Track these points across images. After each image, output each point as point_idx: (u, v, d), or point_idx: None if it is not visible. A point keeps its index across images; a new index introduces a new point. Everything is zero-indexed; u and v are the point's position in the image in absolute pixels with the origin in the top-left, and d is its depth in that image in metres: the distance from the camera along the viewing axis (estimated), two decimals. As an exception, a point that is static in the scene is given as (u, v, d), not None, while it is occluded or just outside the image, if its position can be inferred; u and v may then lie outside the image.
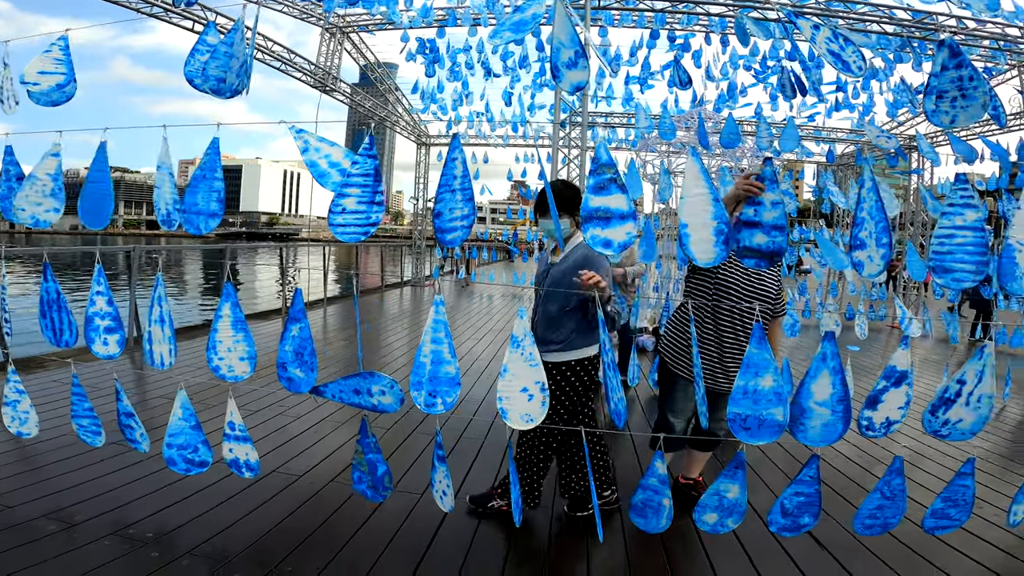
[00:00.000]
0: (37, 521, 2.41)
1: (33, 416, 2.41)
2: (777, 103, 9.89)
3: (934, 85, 1.56)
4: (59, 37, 2.16)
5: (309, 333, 1.85)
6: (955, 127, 1.60)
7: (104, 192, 2.06)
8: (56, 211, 2.11)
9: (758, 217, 1.48)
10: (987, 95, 1.55)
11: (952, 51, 1.52)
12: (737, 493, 1.86)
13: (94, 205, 2.07)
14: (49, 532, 2.33)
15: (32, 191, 2.05)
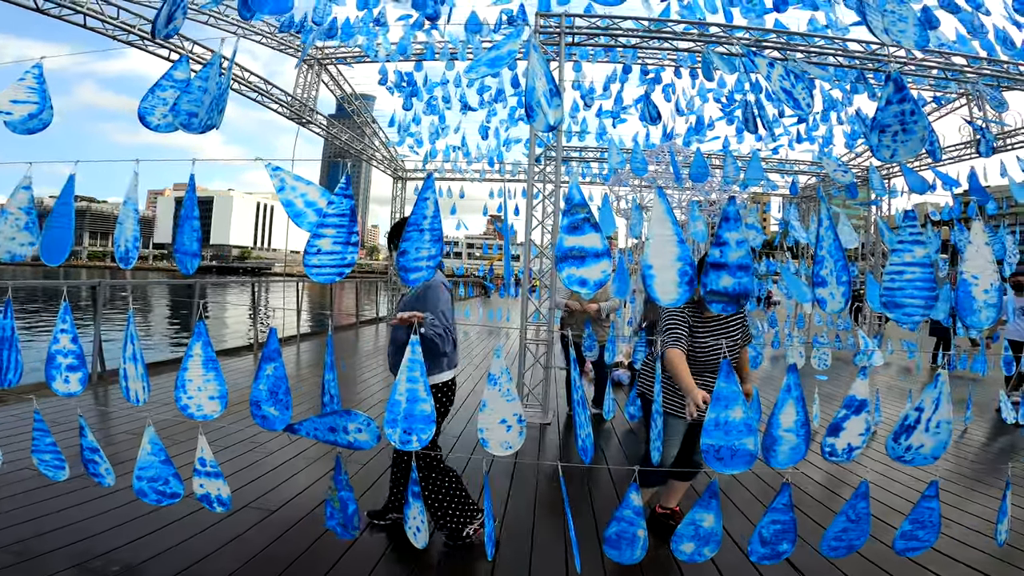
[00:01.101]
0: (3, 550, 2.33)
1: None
2: (743, 136, 10.31)
3: (879, 119, 1.62)
4: (34, 65, 2.14)
5: (284, 372, 1.83)
6: (895, 161, 1.69)
7: (66, 228, 2.02)
8: (31, 244, 2.06)
9: (724, 258, 1.53)
10: (926, 129, 1.61)
11: (897, 85, 1.59)
12: (712, 522, 1.88)
13: (54, 242, 2.03)
14: (10, 564, 2.26)
15: (6, 226, 2.01)
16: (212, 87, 1.85)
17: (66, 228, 2.02)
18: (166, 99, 1.79)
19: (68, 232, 2.02)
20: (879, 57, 7.43)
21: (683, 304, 1.57)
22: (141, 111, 1.77)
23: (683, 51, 8.16)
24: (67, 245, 2.02)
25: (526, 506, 3.27)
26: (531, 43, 1.79)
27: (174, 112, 1.77)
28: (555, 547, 2.78)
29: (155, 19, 1.84)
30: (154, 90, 1.80)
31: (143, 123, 1.77)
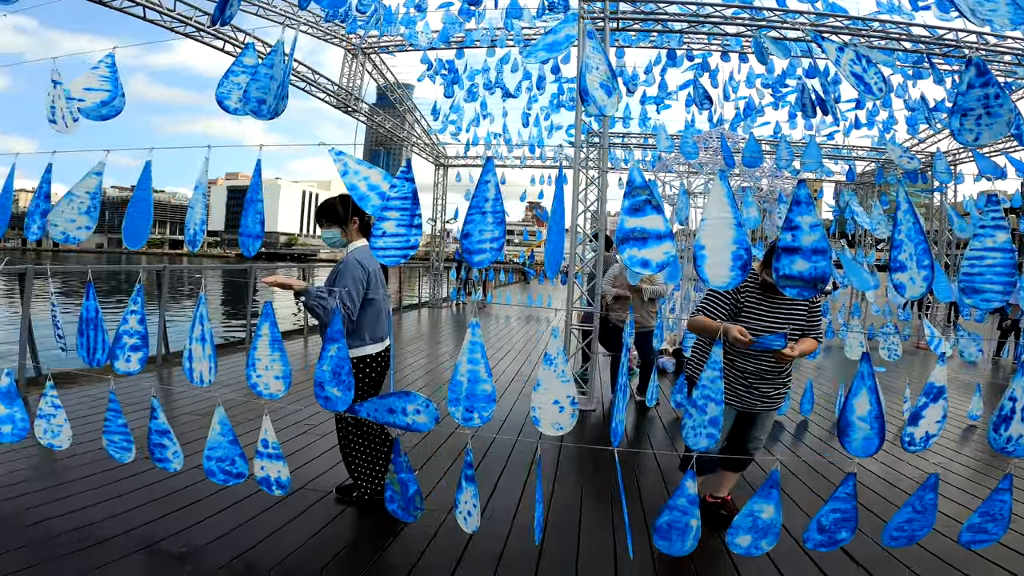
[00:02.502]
0: (68, 536, 2.43)
1: (67, 430, 2.45)
2: (796, 122, 9.89)
3: (960, 104, 1.58)
4: (107, 55, 2.24)
5: (347, 352, 1.88)
6: (979, 145, 1.61)
7: (145, 214, 2.11)
8: (88, 228, 2.14)
9: (797, 242, 1.48)
10: (1012, 112, 1.57)
11: (979, 69, 1.55)
12: (772, 513, 1.84)
13: (134, 227, 2.13)
14: (80, 547, 2.34)
15: (68, 208, 2.09)
16: (278, 74, 1.90)
17: (145, 214, 2.11)
18: (240, 84, 1.85)
19: (147, 218, 2.11)
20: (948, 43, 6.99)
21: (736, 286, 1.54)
22: (219, 96, 1.83)
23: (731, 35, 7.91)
24: (146, 230, 2.12)
25: (572, 492, 3.28)
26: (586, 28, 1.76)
27: (244, 99, 1.83)
28: (602, 533, 2.79)
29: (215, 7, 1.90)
30: (228, 76, 1.86)
31: (221, 107, 1.84)
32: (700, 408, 1.80)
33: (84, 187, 2.17)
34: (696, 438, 1.83)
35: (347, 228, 2.74)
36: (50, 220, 2.17)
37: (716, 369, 1.79)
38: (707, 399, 1.79)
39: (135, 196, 2.08)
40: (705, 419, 1.80)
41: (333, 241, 2.77)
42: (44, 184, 2.27)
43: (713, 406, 1.79)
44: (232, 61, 1.93)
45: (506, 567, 2.43)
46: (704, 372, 1.80)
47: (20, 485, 2.89)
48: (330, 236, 2.76)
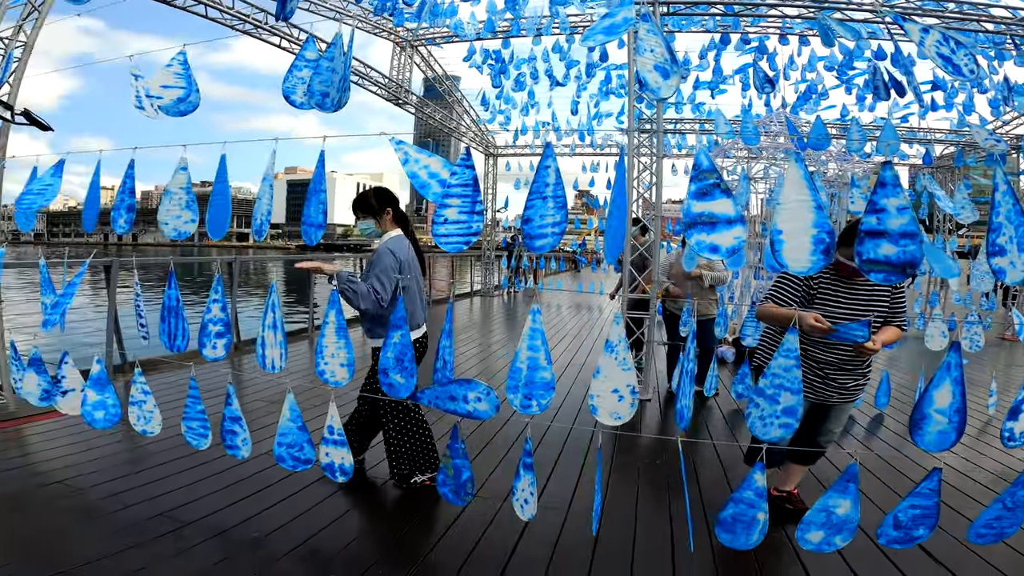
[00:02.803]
0: (152, 521, 2.57)
1: (157, 416, 2.58)
2: (864, 104, 9.31)
3: None
4: (179, 52, 2.33)
5: (409, 339, 1.91)
6: None
7: (224, 207, 2.21)
8: (193, 221, 2.26)
9: (883, 225, 1.39)
10: None
11: None
12: (848, 509, 1.76)
13: (215, 219, 2.23)
14: (163, 532, 2.48)
15: (171, 205, 2.22)
16: (339, 67, 1.94)
17: (224, 206, 2.21)
18: (303, 78, 1.90)
19: (226, 209, 2.21)
20: None
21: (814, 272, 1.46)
22: (285, 91, 1.89)
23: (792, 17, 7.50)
24: (226, 221, 2.21)
25: (628, 481, 3.24)
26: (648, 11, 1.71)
27: (309, 93, 1.88)
28: (659, 524, 2.74)
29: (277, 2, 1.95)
30: (292, 71, 1.91)
31: (288, 101, 1.89)
32: (771, 398, 1.72)
33: (177, 183, 2.29)
34: (766, 428, 1.75)
35: (381, 219, 2.86)
36: (160, 220, 2.29)
37: (791, 357, 1.70)
38: (780, 388, 1.69)
39: (215, 189, 2.18)
40: (778, 409, 1.71)
41: (368, 231, 2.88)
42: (128, 180, 2.40)
43: (788, 395, 1.70)
44: (293, 57, 1.99)
45: (562, 555, 2.43)
46: (776, 360, 1.71)
47: (108, 471, 3.08)
48: (366, 227, 2.88)
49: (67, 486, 2.89)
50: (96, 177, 2.59)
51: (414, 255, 2.90)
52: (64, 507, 2.67)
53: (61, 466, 3.13)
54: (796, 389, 1.72)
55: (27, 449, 3.42)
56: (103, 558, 2.24)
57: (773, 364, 1.72)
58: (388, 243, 2.79)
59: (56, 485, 2.89)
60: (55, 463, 3.18)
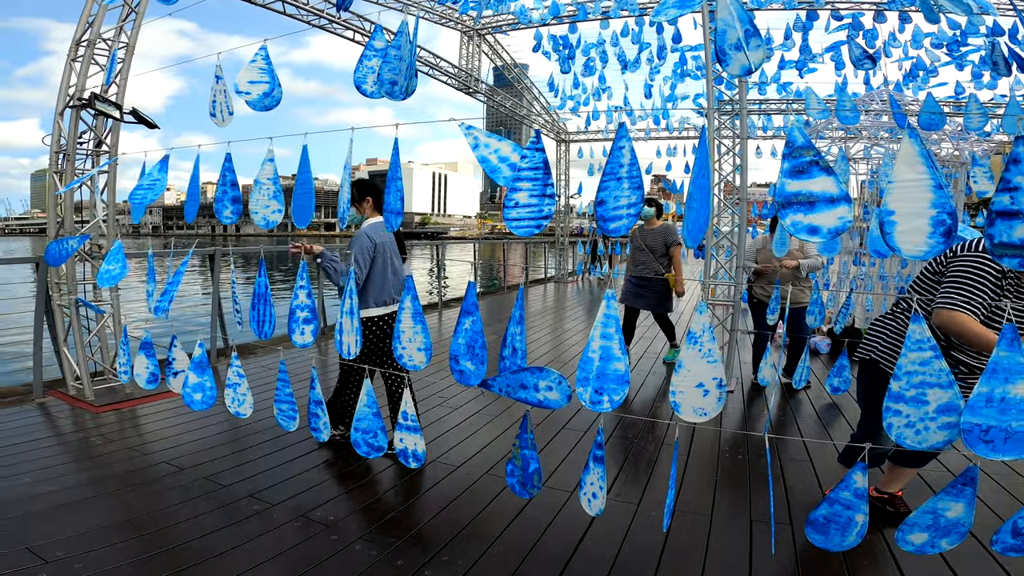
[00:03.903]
0: (242, 501, 2.75)
1: (249, 398, 2.73)
2: (982, 81, 8.29)
3: None
4: (260, 47, 2.41)
5: (480, 326, 1.89)
6: None
7: (308, 196, 2.27)
8: (279, 212, 2.37)
9: (1017, 205, 1.20)
10: None
11: None
12: (960, 512, 1.56)
13: (301, 208, 2.30)
14: (253, 512, 2.64)
15: (260, 196, 2.34)
16: (406, 54, 1.94)
17: (308, 195, 2.28)
18: (373, 67, 1.92)
19: (311, 199, 2.29)
20: None
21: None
22: (356, 81, 1.92)
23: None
24: (310, 210, 2.29)
25: (706, 478, 3.09)
26: None
27: (379, 82, 1.89)
28: (737, 522, 2.59)
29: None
30: (362, 61, 1.93)
31: (359, 91, 1.92)
32: (915, 400, 1.47)
33: (265, 175, 2.39)
34: (922, 435, 1.49)
35: (361, 206, 3.25)
36: (251, 210, 2.40)
37: (925, 348, 1.42)
38: (923, 385, 1.46)
39: (299, 179, 2.25)
40: (929, 410, 1.47)
41: (353, 218, 3.27)
42: (227, 173, 2.54)
43: (938, 391, 1.45)
44: (361, 50, 2.00)
45: (629, 553, 2.36)
46: (905, 355, 1.45)
47: (207, 452, 3.34)
48: (351, 214, 3.24)
49: (172, 465, 3.15)
50: (196, 172, 2.76)
51: (391, 238, 3.32)
52: (169, 486, 2.90)
53: (167, 447, 3.42)
54: (946, 383, 1.46)
55: (140, 429, 3.77)
56: (201, 536, 2.42)
57: (903, 361, 1.48)
58: (366, 228, 3.21)
59: (162, 464, 3.16)
60: (162, 443, 3.48)
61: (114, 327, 4.51)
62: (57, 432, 3.71)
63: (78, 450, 3.40)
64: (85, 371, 4.32)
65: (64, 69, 4.25)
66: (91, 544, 2.31)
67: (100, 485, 2.89)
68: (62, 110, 4.20)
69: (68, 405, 4.15)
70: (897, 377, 1.46)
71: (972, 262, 2.05)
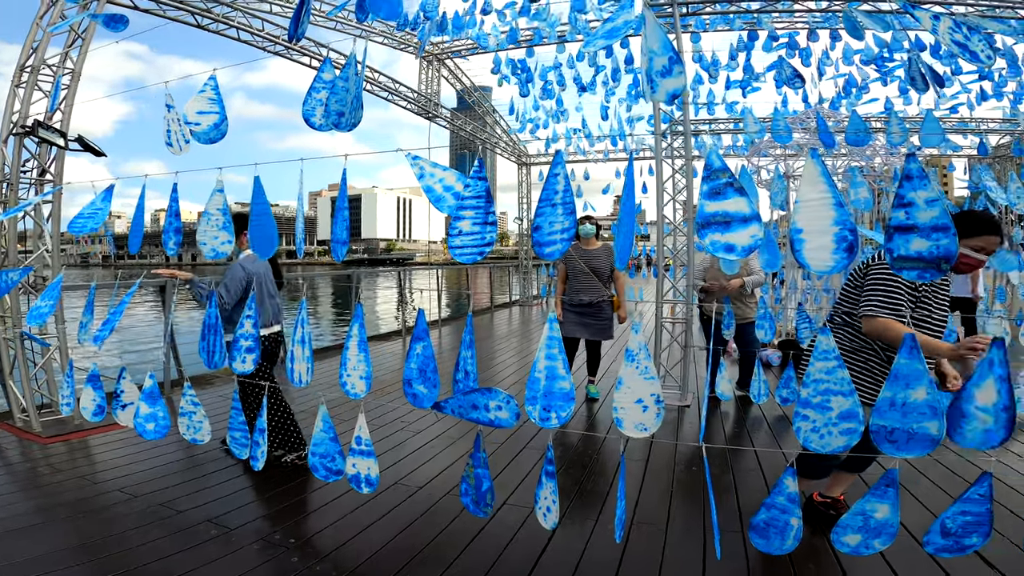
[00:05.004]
0: (200, 526, 2.72)
1: (206, 426, 2.71)
2: (910, 97, 8.89)
3: None
4: (210, 77, 2.40)
5: (432, 351, 1.94)
6: None
7: (268, 225, 2.26)
8: (229, 243, 2.37)
9: (912, 220, 1.32)
10: None
11: None
12: (887, 513, 1.66)
13: (261, 238, 2.29)
14: (211, 536, 2.62)
15: (209, 226, 2.32)
16: (352, 86, 2.00)
17: (268, 225, 2.26)
18: (322, 100, 1.97)
19: (271, 228, 2.27)
20: None
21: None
22: (305, 114, 1.96)
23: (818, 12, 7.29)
24: (273, 239, 2.28)
25: (662, 490, 3.17)
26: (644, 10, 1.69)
27: (327, 114, 1.94)
28: (691, 534, 2.67)
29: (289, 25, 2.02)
30: (310, 93, 1.98)
31: (308, 124, 1.96)
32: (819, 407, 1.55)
33: (214, 205, 2.38)
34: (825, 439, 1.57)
35: (240, 239, 3.46)
36: (199, 240, 2.39)
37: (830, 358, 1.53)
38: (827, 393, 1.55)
39: (254, 211, 2.25)
40: (832, 416, 1.56)
41: (234, 250, 3.39)
42: (173, 203, 2.54)
43: (840, 399, 1.55)
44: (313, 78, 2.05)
45: (588, 565, 2.41)
46: (813, 364, 1.54)
47: (158, 480, 3.28)
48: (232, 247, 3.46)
49: (124, 493, 3.08)
50: (141, 202, 2.74)
51: (266, 267, 3.61)
52: (123, 512, 2.85)
53: (118, 475, 3.34)
54: (848, 391, 1.57)
55: (91, 459, 3.65)
56: (159, 559, 2.39)
57: (811, 370, 1.58)
58: (241, 259, 3.43)
59: (114, 492, 3.09)
60: (113, 472, 3.39)
61: (60, 360, 4.36)
62: (5, 463, 3.61)
63: (25, 479, 3.31)
64: (31, 403, 4.18)
65: (8, 95, 4.16)
66: (47, 567, 2.29)
67: (49, 512, 2.83)
68: (5, 137, 4.10)
69: (15, 437, 4.03)
70: (805, 384, 1.56)
71: (886, 270, 2.22)
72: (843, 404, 1.53)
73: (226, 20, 7.76)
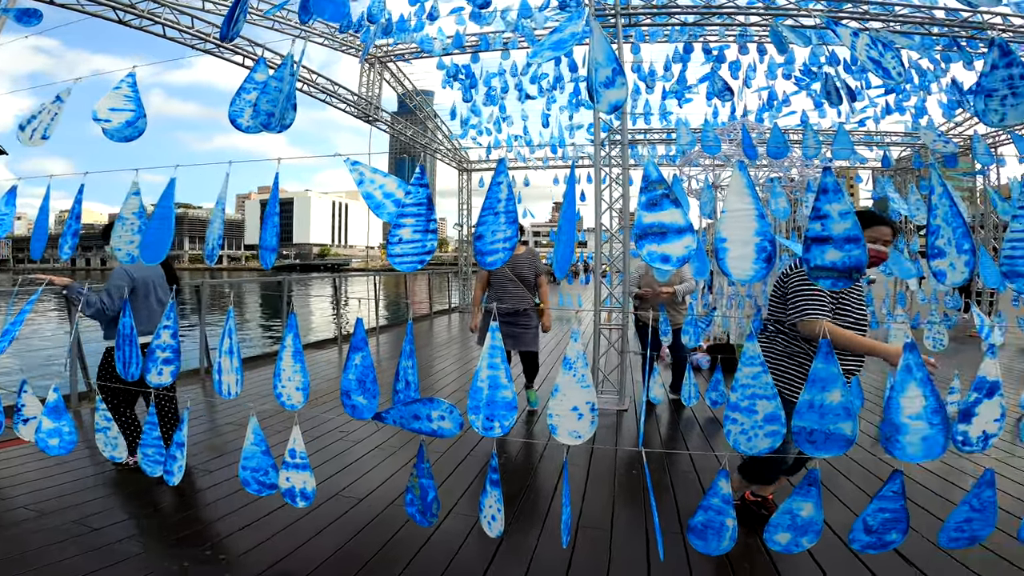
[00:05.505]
0: (118, 544, 2.54)
1: (122, 442, 2.54)
2: (824, 110, 9.59)
3: (984, 84, 1.59)
4: (128, 74, 2.24)
5: (371, 361, 1.89)
6: (1003, 126, 1.58)
7: (166, 230, 2.12)
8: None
9: (827, 231, 1.41)
10: None
11: (1002, 50, 1.55)
12: (811, 511, 1.76)
13: (154, 242, 2.14)
14: (131, 554, 2.46)
15: (124, 231, 2.15)
16: (286, 87, 1.93)
17: (166, 230, 2.13)
18: (251, 101, 1.87)
19: (168, 233, 2.14)
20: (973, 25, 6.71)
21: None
22: (232, 115, 1.86)
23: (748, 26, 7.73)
24: (166, 245, 2.14)
25: (604, 494, 3.23)
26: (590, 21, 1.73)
27: (255, 114, 1.85)
28: (635, 536, 2.73)
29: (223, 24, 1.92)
30: (240, 94, 1.88)
31: (234, 125, 1.86)
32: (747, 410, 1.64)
33: (129, 208, 2.22)
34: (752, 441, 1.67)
35: None
36: (112, 246, 2.23)
37: (756, 363, 1.63)
38: (753, 397, 1.64)
39: (157, 212, 2.10)
40: (758, 419, 1.65)
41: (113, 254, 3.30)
42: (76, 205, 2.34)
43: (765, 403, 1.63)
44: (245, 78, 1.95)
45: (537, 569, 2.42)
46: (741, 369, 1.62)
47: (69, 496, 3.04)
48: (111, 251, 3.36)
49: (31, 510, 2.86)
50: (45, 203, 2.51)
51: (157, 272, 3.51)
52: (32, 529, 2.66)
53: (24, 492, 3.10)
54: (771, 395, 1.66)
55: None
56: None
57: (739, 375, 1.66)
58: (126, 264, 3.26)
59: (20, 510, 2.87)
60: (18, 489, 3.14)
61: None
62: None
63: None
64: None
65: None
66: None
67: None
68: None
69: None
70: (734, 389, 1.64)
71: (804, 276, 2.38)
72: (767, 407, 1.62)
73: (151, 16, 7.29)
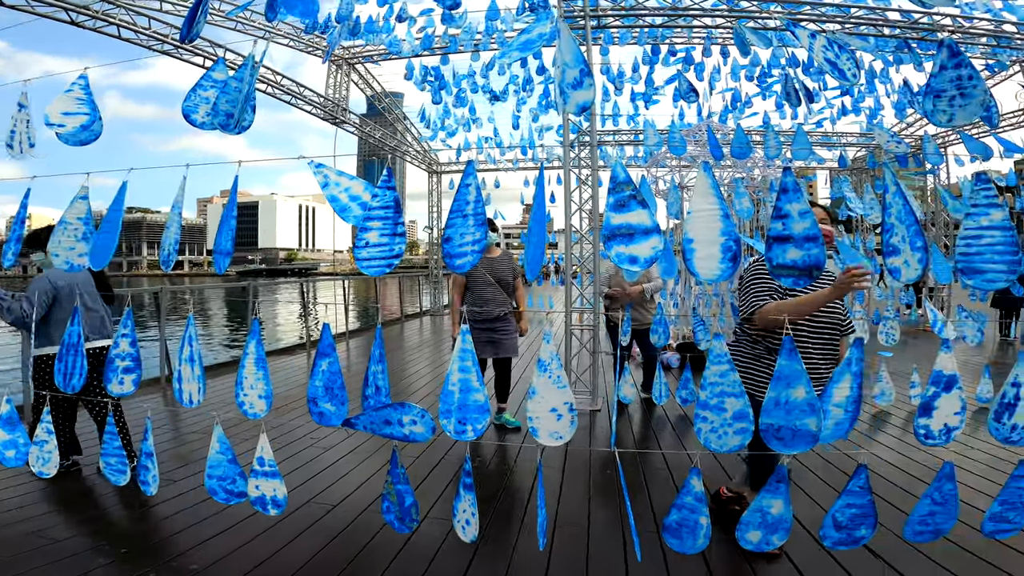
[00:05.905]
0: (84, 554, 2.48)
1: (55, 458, 2.44)
2: (784, 111, 9.87)
3: (933, 85, 1.62)
4: (79, 76, 2.15)
5: (339, 367, 1.85)
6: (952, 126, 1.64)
7: (112, 234, 2.04)
8: (85, 255, 2.11)
9: (787, 231, 1.45)
10: (985, 94, 1.62)
11: (951, 51, 1.58)
12: (781, 508, 1.79)
13: (101, 247, 2.06)
14: (99, 564, 2.39)
15: (64, 236, 2.06)
16: (246, 88, 1.87)
17: (112, 233, 2.03)
18: (208, 98, 1.82)
19: (114, 238, 2.05)
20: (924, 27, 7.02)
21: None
22: (185, 109, 1.80)
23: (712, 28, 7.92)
24: (111, 250, 2.04)
25: (580, 495, 3.24)
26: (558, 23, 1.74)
27: (213, 112, 1.80)
28: (611, 535, 2.75)
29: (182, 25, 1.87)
30: (196, 89, 1.82)
31: (188, 120, 1.80)
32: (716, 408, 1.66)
33: (74, 213, 2.11)
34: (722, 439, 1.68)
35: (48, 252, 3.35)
36: (50, 251, 2.11)
37: (723, 361, 1.64)
38: (722, 395, 1.65)
39: (107, 217, 2.01)
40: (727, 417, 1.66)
41: (42, 262, 3.35)
42: (21, 209, 2.23)
43: (733, 400, 1.65)
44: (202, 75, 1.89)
45: (516, 570, 2.42)
46: (709, 368, 1.64)
47: (30, 508, 2.96)
48: (39, 258, 3.34)
49: None
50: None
51: (83, 278, 3.47)
52: None
53: None
54: (739, 393, 1.67)
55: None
56: None
57: (707, 373, 1.68)
58: (48, 272, 3.33)
59: None
60: None
61: None
62: None
63: None
64: None
65: None
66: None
67: None
68: None
69: None
70: (703, 387, 1.66)
71: (751, 272, 2.52)
72: (735, 405, 1.65)
73: (105, 17, 7.03)
